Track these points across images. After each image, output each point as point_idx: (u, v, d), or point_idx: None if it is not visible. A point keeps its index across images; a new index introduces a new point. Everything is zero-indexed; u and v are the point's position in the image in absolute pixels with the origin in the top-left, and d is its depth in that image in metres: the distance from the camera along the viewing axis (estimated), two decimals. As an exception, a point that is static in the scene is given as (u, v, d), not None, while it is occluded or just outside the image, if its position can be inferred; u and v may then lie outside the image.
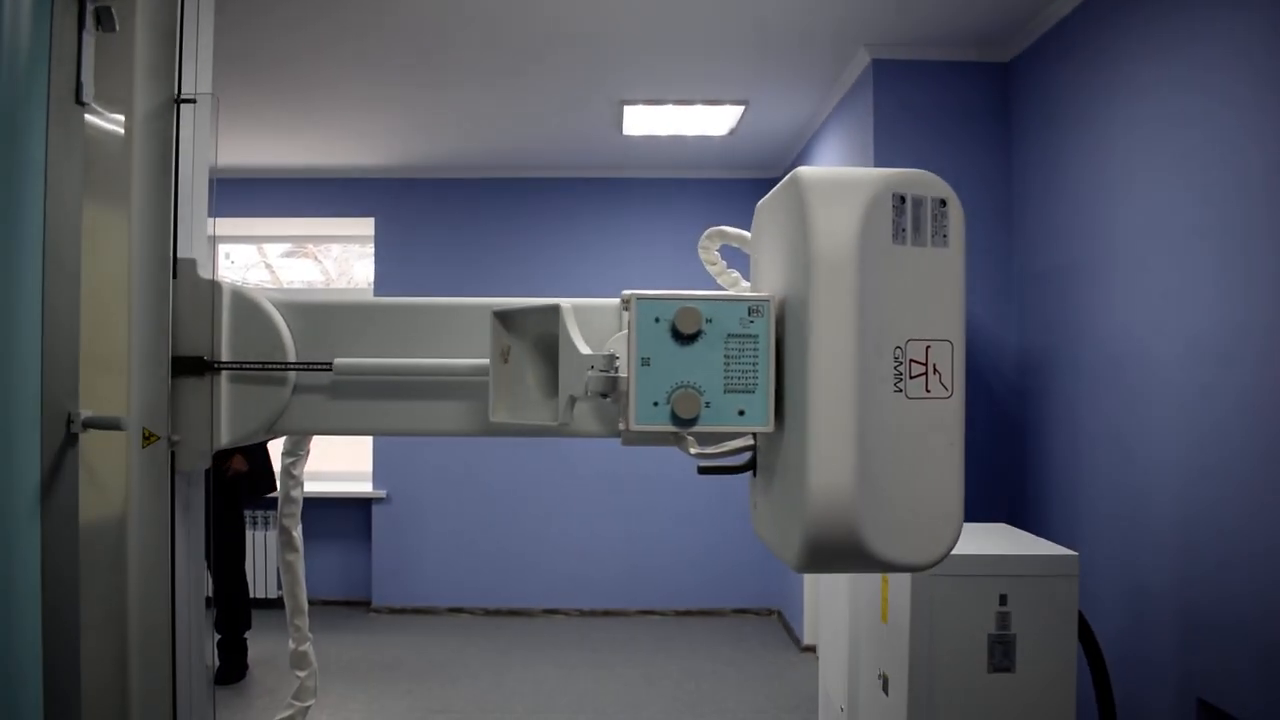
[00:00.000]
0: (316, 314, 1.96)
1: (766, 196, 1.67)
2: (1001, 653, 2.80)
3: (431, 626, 6.91)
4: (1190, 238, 3.07)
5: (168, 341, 1.85)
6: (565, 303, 1.69)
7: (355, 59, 4.86)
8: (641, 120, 5.85)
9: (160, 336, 1.84)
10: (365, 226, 7.56)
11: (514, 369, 1.76)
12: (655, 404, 1.44)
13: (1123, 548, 3.43)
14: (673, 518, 7.19)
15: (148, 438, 1.81)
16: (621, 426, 1.51)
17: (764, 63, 4.81)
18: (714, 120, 5.85)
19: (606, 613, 7.19)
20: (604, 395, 1.60)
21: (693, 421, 1.44)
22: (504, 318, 1.78)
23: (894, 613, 2.94)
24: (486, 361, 1.80)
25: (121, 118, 1.89)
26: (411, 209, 7.35)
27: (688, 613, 7.20)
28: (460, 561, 7.23)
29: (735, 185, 7.22)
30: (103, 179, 1.79)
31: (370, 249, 7.99)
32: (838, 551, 1.37)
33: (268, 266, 9.02)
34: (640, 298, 1.46)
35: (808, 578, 6.08)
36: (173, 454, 1.87)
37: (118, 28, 1.75)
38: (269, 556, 7.20)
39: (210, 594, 4.63)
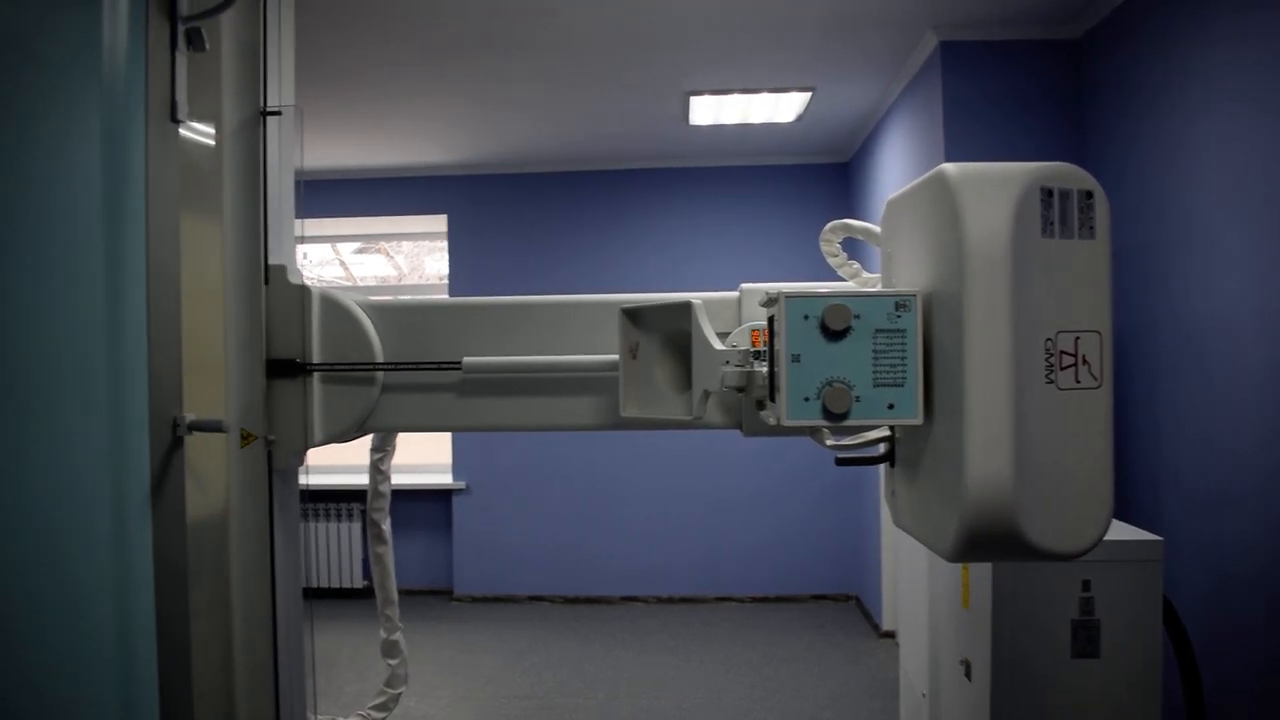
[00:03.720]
0: (413, 315, 2.03)
1: (902, 191, 1.68)
2: (1085, 638, 2.78)
3: (512, 615, 7.03)
4: (1270, 217, 3.01)
5: (262, 346, 1.93)
6: (696, 300, 1.73)
7: (425, 60, 4.94)
8: (708, 110, 5.86)
9: (255, 341, 1.92)
10: (438, 223, 7.67)
11: (642, 364, 1.80)
12: (806, 399, 1.48)
13: (1208, 533, 3.38)
14: (749, 505, 7.20)
15: (246, 438, 1.89)
16: (772, 421, 1.55)
17: (830, 49, 4.80)
18: (781, 107, 5.84)
19: (684, 600, 7.24)
20: (740, 390, 1.64)
21: (844, 416, 1.48)
22: (632, 315, 1.83)
23: (975, 598, 2.94)
24: (615, 357, 1.85)
25: (212, 131, 1.98)
26: (483, 205, 7.45)
27: (765, 599, 7.21)
28: (539, 550, 7.33)
29: (805, 170, 7.20)
30: (196, 191, 1.87)
31: (440, 243, 8.11)
32: (994, 541, 1.40)
33: (342, 263, 9.21)
34: (789, 296, 1.49)
35: (886, 563, 6.06)
36: (269, 453, 1.95)
37: (207, 47, 1.83)
38: (353, 548, 7.38)
39: None
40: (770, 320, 1.55)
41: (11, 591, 1.34)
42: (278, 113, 2.05)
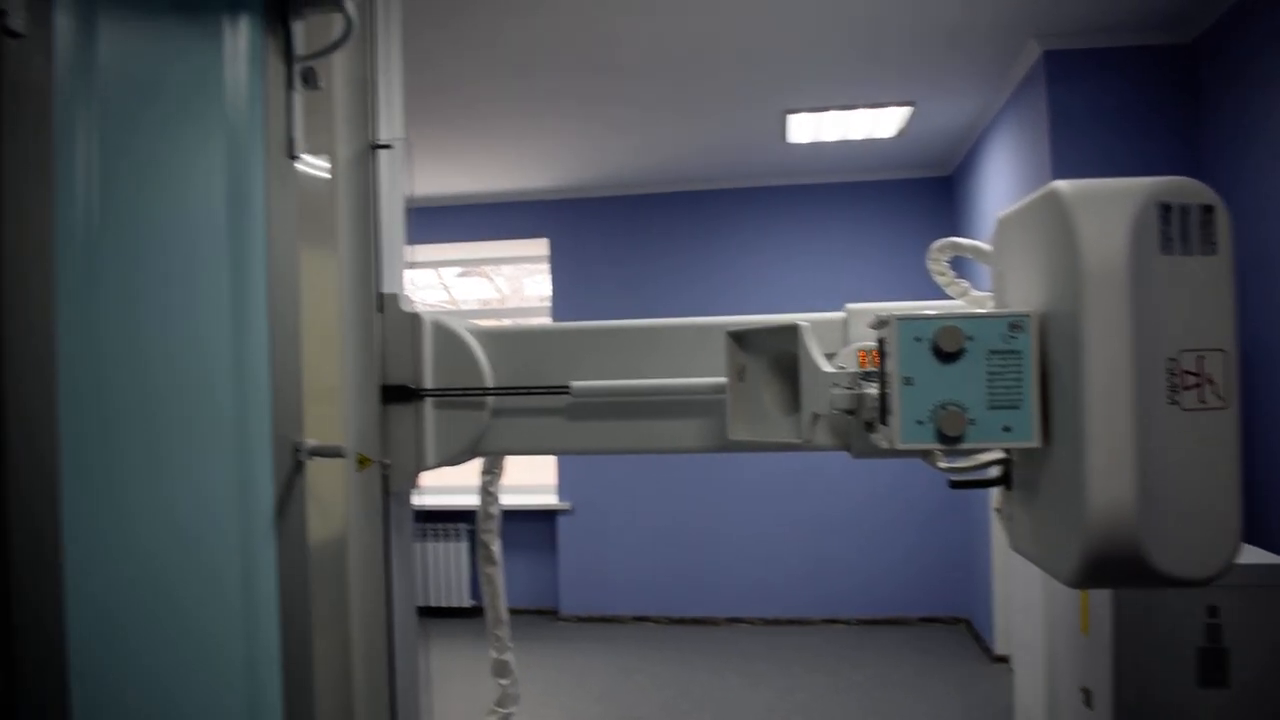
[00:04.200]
0: (521, 340, 2.07)
1: (1013, 209, 1.66)
2: (1213, 666, 2.68)
3: (617, 635, 7.05)
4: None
5: (376, 372, 1.99)
6: (803, 321, 1.73)
7: (527, 87, 5.04)
8: (806, 127, 5.84)
9: (370, 368, 1.98)
10: (539, 247, 7.79)
11: (750, 386, 1.81)
12: (919, 422, 1.47)
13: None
14: (856, 525, 7.11)
15: (362, 462, 1.95)
16: (884, 444, 1.54)
17: (929, 63, 4.75)
18: (880, 122, 5.79)
19: (790, 621, 7.17)
20: (850, 412, 1.64)
21: (959, 439, 1.46)
22: (739, 337, 1.84)
23: (1095, 623, 2.85)
24: (722, 380, 1.86)
25: (327, 164, 2.05)
26: (583, 227, 7.54)
27: (872, 621, 7.10)
28: (644, 570, 7.35)
29: (906, 185, 7.12)
30: (312, 223, 1.94)
31: (539, 266, 8.22)
32: (1118, 566, 1.37)
33: (444, 287, 9.40)
34: (901, 318, 1.48)
35: (998, 585, 5.92)
36: (384, 476, 2.01)
37: (321, 85, 1.90)
38: (460, 567, 7.50)
39: None
40: (880, 342, 1.53)
41: (151, 607, 1.40)
42: (388, 146, 2.11)
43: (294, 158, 1.81)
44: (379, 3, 2.16)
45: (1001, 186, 5.40)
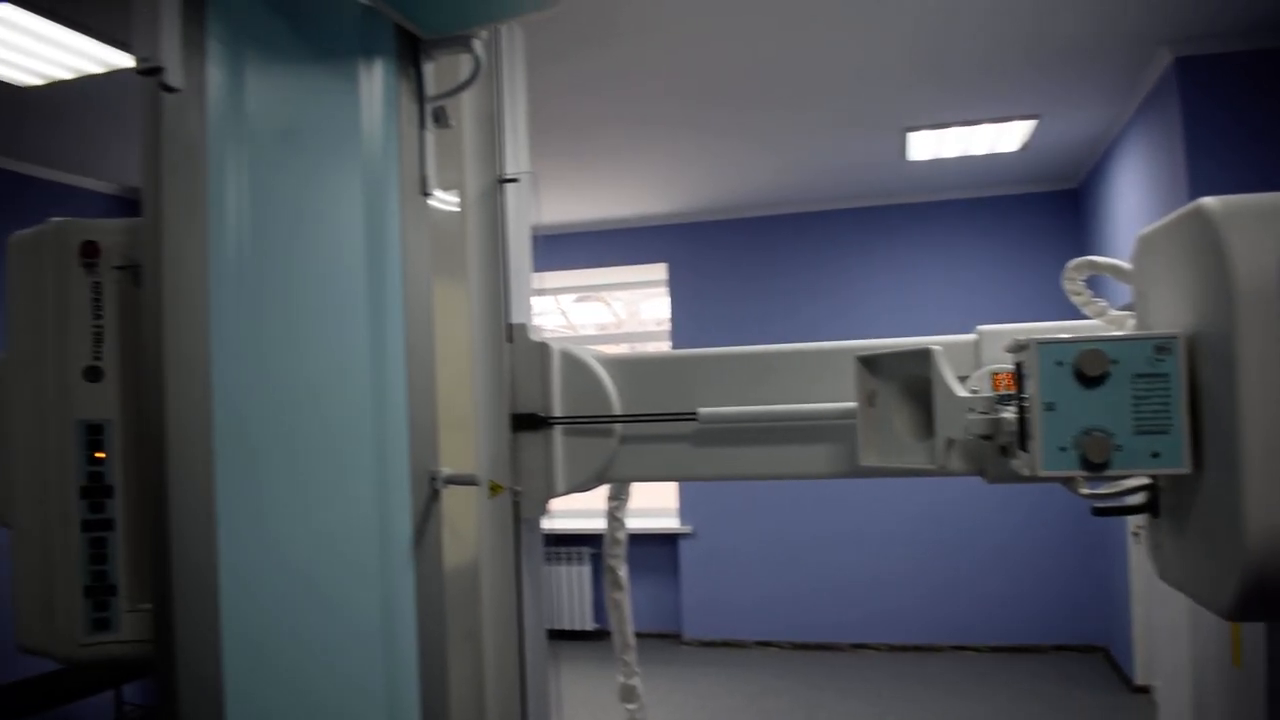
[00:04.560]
0: (648, 367, 2.09)
1: (1156, 227, 1.62)
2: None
3: (741, 660, 7.01)
4: None
5: (506, 401, 2.03)
6: (936, 346, 1.71)
7: (642, 115, 5.10)
8: (927, 144, 5.76)
9: (500, 397, 2.03)
10: (657, 272, 7.84)
11: (880, 412, 1.80)
12: (1062, 449, 1.43)
13: None
14: (987, 550, 6.92)
15: (494, 489, 2.00)
16: (1025, 471, 1.50)
17: (1055, 74, 4.64)
18: (1003, 137, 5.68)
19: (918, 648, 7.02)
20: (986, 438, 1.62)
21: (1104, 466, 1.41)
22: (868, 362, 1.83)
23: (1248, 655, 2.71)
24: (851, 405, 1.85)
25: (456, 199, 2.11)
26: (702, 251, 7.57)
27: (1004, 649, 6.90)
28: (768, 595, 7.29)
29: (1031, 200, 6.95)
30: (442, 256, 2.00)
31: (656, 290, 8.27)
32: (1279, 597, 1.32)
33: (562, 312, 9.52)
34: (1041, 342, 1.44)
35: (1137, 613, 5.70)
36: (515, 503, 2.05)
37: (452, 124, 1.96)
38: (583, 591, 7.57)
39: None
40: (1018, 366, 1.50)
41: (298, 627, 1.46)
42: (515, 179, 2.17)
43: (426, 194, 1.87)
44: (504, 41, 2.22)
45: (1134, 199, 5.23)
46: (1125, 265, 1.78)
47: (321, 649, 1.52)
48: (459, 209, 2.11)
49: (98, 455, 1.45)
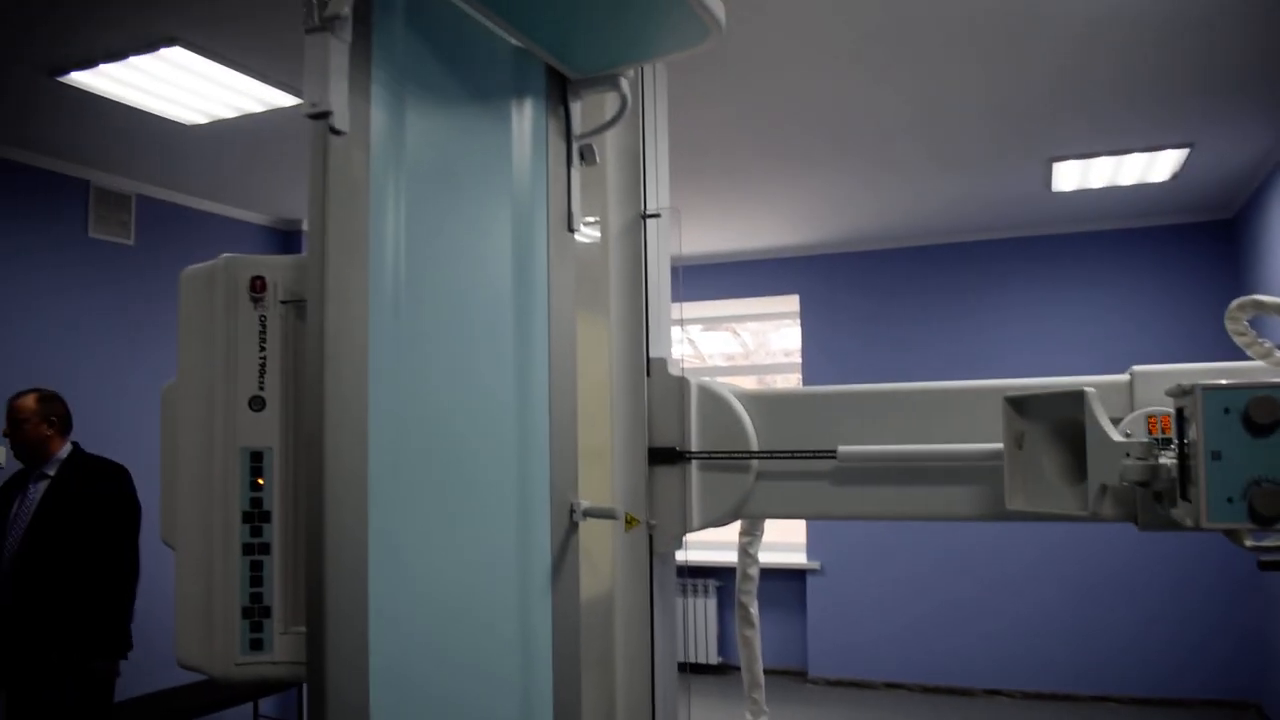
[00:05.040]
0: (787, 403, 2.09)
1: None
2: None
3: (868, 700, 6.86)
4: None
5: (644, 435, 2.05)
6: (1089, 388, 1.66)
7: (778, 148, 5.10)
8: (1072, 175, 5.60)
9: (638, 430, 2.05)
10: (789, 304, 7.80)
11: (1028, 454, 1.75)
12: (1229, 500, 1.37)
13: None
14: (1128, 595, 6.61)
15: (630, 522, 2.01)
16: (1188, 522, 1.45)
17: (1209, 101, 4.46)
18: (1152, 167, 5.47)
19: (1054, 696, 6.74)
20: (1143, 484, 1.56)
21: (1275, 520, 1.35)
22: (1017, 403, 1.79)
23: None
24: (997, 446, 1.82)
25: (598, 235, 2.15)
26: (836, 282, 7.49)
27: (1148, 701, 6.56)
28: (896, 634, 7.12)
29: (1181, 231, 6.65)
30: (585, 290, 2.03)
31: (785, 320, 8.22)
32: None
33: (690, 341, 9.53)
34: (1207, 388, 1.39)
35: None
36: (650, 537, 2.06)
37: (598, 161, 2.00)
38: (707, 623, 7.52)
39: None
40: (1179, 411, 1.44)
41: (437, 655, 1.50)
42: (657, 215, 2.19)
43: (572, 230, 1.90)
44: (648, 79, 2.25)
45: (1296, 232, 4.97)
46: None
47: (462, 677, 1.55)
48: (601, 244, 2.15)
49: (258, 481, 1.51)
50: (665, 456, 2.05)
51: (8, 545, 3.74)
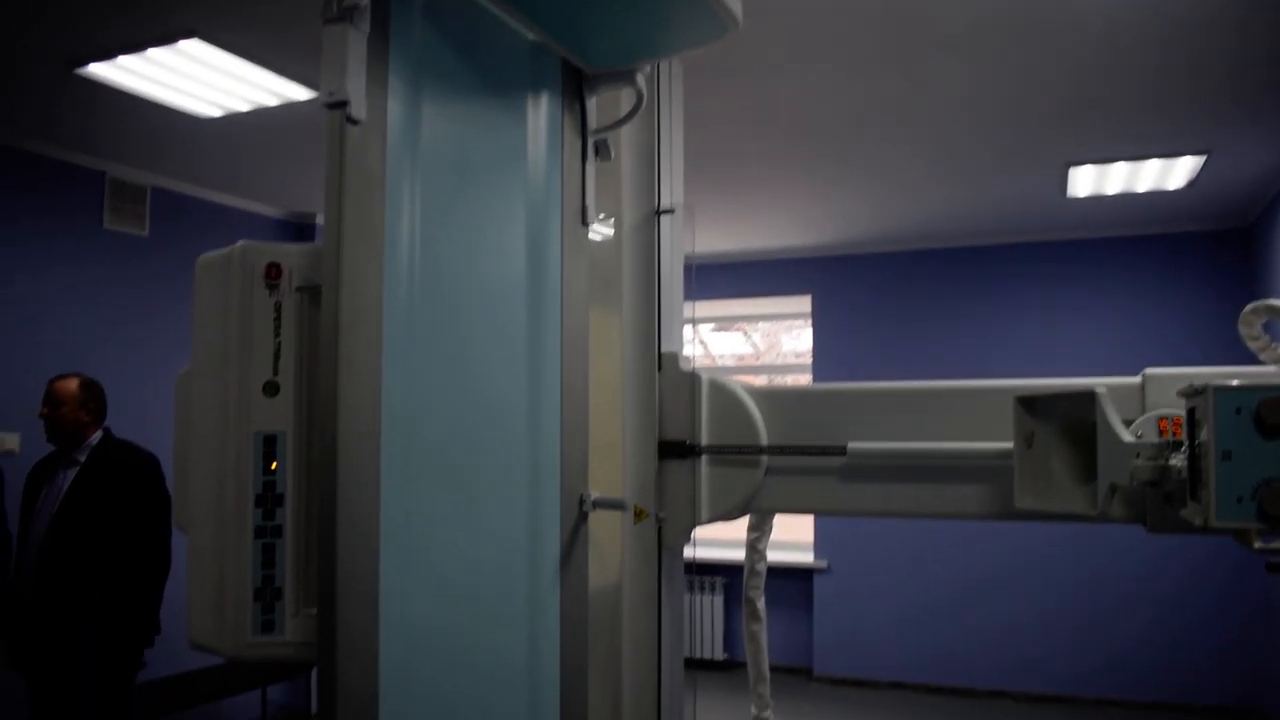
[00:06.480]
0: (797, 400, 2.09)
1: None
2: None
3: (872, 700, 6.86)
4: None
5: (655, 428, 2.06)
6: (1100, 388, 1.66)
7: (792, 148, 5.10)
8: (1088, 181, 5.58)
9: (649, 424, 2.06)
10: (801, 304, 7.80)
11: (1038, 454, 1.75)
12: (1239, 500, 1.38)
13: None
14: (1134, 598, 6.58)
15: (639, 515, 2.02)
16: (1197, 521, 1.45)
17: (1230, 108, 4.44)
18: (1169, 174, 5.45)
19: (1057, 699, 6.72)
20: (1153, 485, 1.56)
21: None
22: (1027, 403, 1.79)
23: None
24: (1007, 445, 1.82)
25: (611, 233, 2.16)
26: (848, 284, 7.48)
27: (1153, 706, 6.54)
28: (901, 635, 7.11)
29: (1197, 239, 6.63)
30: (598, 284, 2.04)
31: (796, 322, 8.22)
32: None
33: (701, 342, 9.54)
34: (1219, 388, 1.40)
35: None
36: (659, 530, 2.07)
37: (612, 156, 2.01)
38: (713, 619, 7.53)
39: None
40: (1190, 412, 1.45)
41: (446, 637, 1.51)
42: (670, 211, 2.20)
43: (586, 225, 1.92)
44: (663, 75, 2.26)
45: (1311, 240, 4.95)
46: None
47: (469, 662, 1.56)
48: (614, 239, 2.16)
49: (272, 465, 1.53)
50: (675, 450, 2.06)
51: (34, 532, 3.75)
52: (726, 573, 7.48)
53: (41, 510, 3.78)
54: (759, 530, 2.39)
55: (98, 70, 3.94)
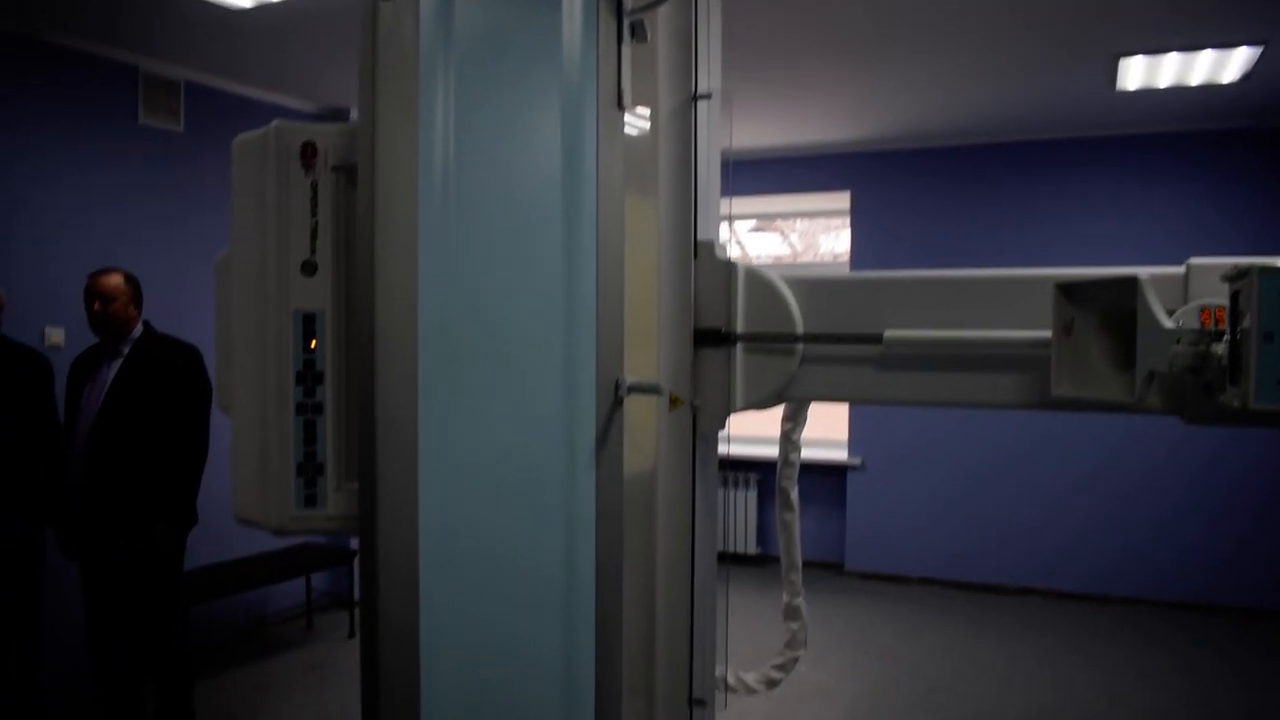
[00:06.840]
0: (833, 288, 2.08)
1: None
2: None
3: (903, 595, 6.95)
4: None
5: (690, 316, 2.06)
6: (1143, 274, 1.63)
7: (833, 40, 4.97)
8: (1138, 73, 5.41)
9: (684, 312, 2.06)
10: (839, 200, 7.69)
11: (1077, 342, 1.73)
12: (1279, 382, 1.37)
13: None
14: (1173, 499, 6.54)
15: (674, 401, 2.04)
16: (1235, 404, 1.44)
17: (1289, -5, 4.27)
18: (1222, 66, 5.27)
19: (1089, 598, 6.77)
20: (1192, 371, 1.55)
21: None
22: (1067, 290, 1.77)
23: None
24: (1045, 334, 1.80)
25: (648, 116, 2.13)
26: (889, 180, 7.35)
27: (1184, 605, 6.58)
28: (934, 531, 7.17)
29: (1248, 135, 6.43)
30: (634, 172, 2.03)
31: (834, 221, 8.12)
32: None
33: (738, 242, 9.47)
34: (1263, 270, 1.38)
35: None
36: (694, 417, 2.08)
37: (649, 38, 1.97)
38: (746, 515, 7.63)
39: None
40: (1234, 296, 1.42)
41: (483, 515, 1.55)
42: (708, 96, 2.16)
43: (622, 108, 1.89)
44: (702, -46, 2.20)
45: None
46: None
47: (506, 536, 1.60)
48: (651, 125, 2.13)
49: (311, 344, 1.55)
50: (711, 338, 2.06)
51: (82, 421, 3.84)
52: (759, 469, 7.55)
53: (87, 402, 3.86)
54: (793, 421, 2.40)
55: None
